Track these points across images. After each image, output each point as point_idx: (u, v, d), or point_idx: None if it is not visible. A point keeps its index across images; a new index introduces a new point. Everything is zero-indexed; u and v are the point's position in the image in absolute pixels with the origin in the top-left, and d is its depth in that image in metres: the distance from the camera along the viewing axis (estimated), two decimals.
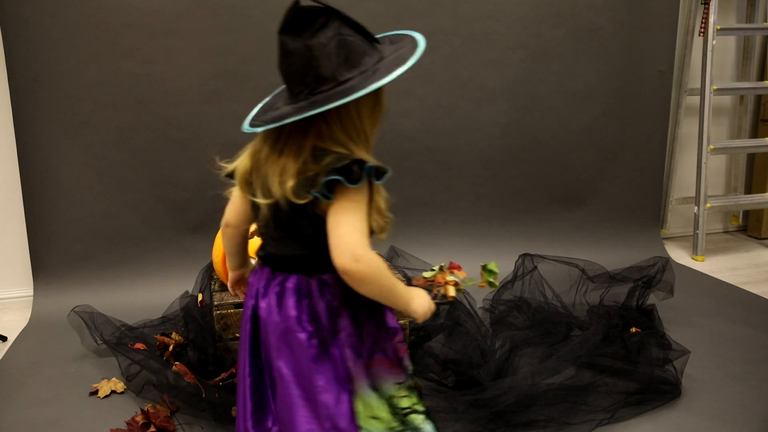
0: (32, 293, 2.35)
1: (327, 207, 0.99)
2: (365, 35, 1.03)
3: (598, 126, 2.80)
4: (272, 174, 1.02)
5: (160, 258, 2.42)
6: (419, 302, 1.08)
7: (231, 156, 1.23)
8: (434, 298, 1.19)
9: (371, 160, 1.04)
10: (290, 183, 0.99)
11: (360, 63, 1.01)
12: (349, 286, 0.99)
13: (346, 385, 1.03)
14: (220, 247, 1.80)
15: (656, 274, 2.03)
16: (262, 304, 1.07)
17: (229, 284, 1.31)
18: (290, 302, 1.04)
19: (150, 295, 2.29)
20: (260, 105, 1.18)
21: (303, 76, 1.02)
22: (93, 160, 2.32)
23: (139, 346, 1.80)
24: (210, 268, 1.99)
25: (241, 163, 1.12)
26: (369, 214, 1.03)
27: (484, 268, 1.34)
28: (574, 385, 1.60)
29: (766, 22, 3.06)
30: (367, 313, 1.06)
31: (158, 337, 1.80)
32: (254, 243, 1.75)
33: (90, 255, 2.36)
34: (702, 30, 2.88)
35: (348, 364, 1.03)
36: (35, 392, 1.72)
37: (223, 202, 2.64)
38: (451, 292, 1.27)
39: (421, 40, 1.04)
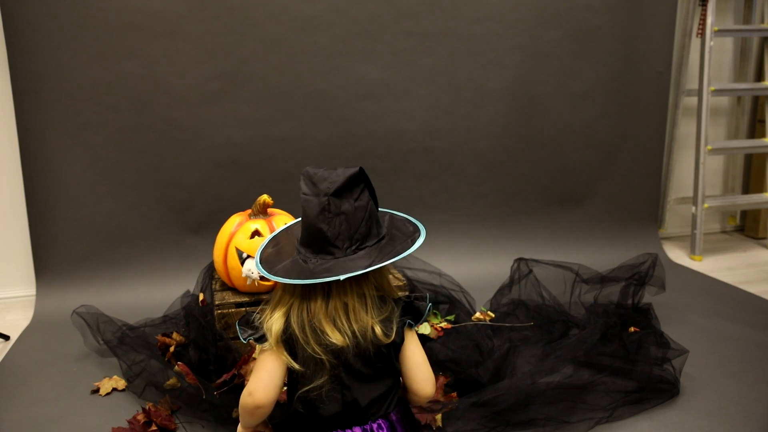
0: (35, 292, 2.36)
1: (405, 340, 1.18)
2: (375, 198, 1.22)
3: (596, 126, 2.82)
4: (341, 324, 1.11)
5: (162, 258, 2.43)
6: None
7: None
8: None
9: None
10: (377, 328, 1.13)
11: (381, 222, 1.22)
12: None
13: None
14: (221, 247, 1.81)
15: (648, 271, 2.04)
16: None
17: None
18: None
19: (151, 295, 2.30)
20: (259, 262, 1.20)
21: (352, 233, 1.14)
22: (95, 160, 2.33)
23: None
24: (211, 268, 2.00)
25: (275, 323, 1.13)
26: None
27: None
28: (572, 384, 1.61)
29: (763, 23, 3.07)
30: None
31: (159, 337, 1.81)
32: (255, 243, 1.76)
33: (92, 255, 2.37)
34: (700, 31, 2.90)
35: None
36: (37, 391, 1.73)
37: (223, 202, 2.67)
38: None
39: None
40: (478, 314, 2.05)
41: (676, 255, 2.98)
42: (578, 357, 1.73)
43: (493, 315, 2.06)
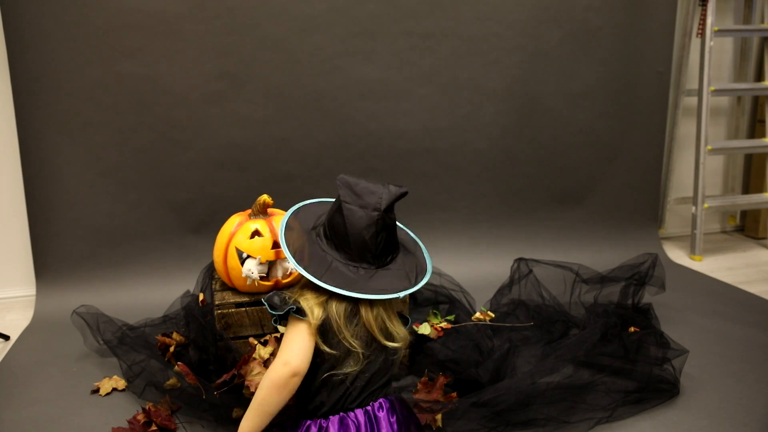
0: (35, 292, 2.36)
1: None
2: None
3: (596, 127, 2.82)
4: (377, 326, 1.23)
5: (162, 258, 2.43)
6: None
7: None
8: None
9: None
10: (406, 334, 1.28)
11: None
12: None
13: None
14: (221, 247, 1.81)
15: (648, 271, 2.04)
16: None
17: None
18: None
19: (151, 295, 2.30)
20: (290, 249, 1.28)
21: (395, 245, 1.30)
22: (95, 160, 2.33)
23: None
24: (211, 268, 2.00)
25: (317, 311, 1.21)
26: None
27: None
28: (573, 384, 1.61)
29: (763, 23, 3.07)
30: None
31: (159, 337, 1.81)
32: (255, 243, 1.76)
33: (92, 255, 2.37)
34: (700, 31, 2.90)
35: None
36: (37, 391, 1.73)
37: (223, 202, 2.67)
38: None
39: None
40: (478, 314, 2.05)
41: (676, 255, 2.98)
42: (578, 357, 1.73)
43: (493, 315, 2.06)
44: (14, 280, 2.46)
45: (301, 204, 1.39)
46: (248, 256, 1.76)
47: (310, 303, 1.21)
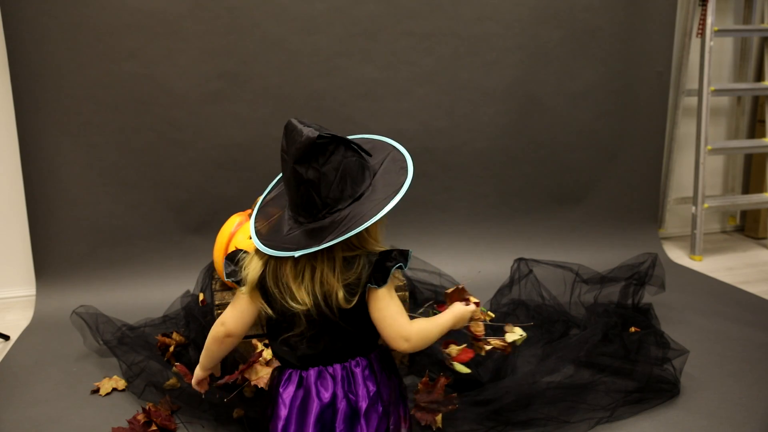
0: (35, 292, 2.36)
1: (369, 301, 1.18)
2: (360, 153, 1.19)
3: (596, 127, 2.82)
4: (306, 285, 1.16)
5: (162, 258, 2.43)
6: (461, 318, 1.31)
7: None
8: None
9: (384, 247, 1.21)
10: (340, 293, 1.15)
11: (362, 180, 1.17)
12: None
13: None
14: (221, 247, 1.81)
15: (647, 270, 2.04)
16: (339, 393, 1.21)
17: (194, 382, 1.39)
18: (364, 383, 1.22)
19: (151, 295, 2.30)
20: (253, 218, 1.26)
21: (323, 199, 1.14)
22: (95, 160, 2.33)
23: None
24: (211, 268, 2.00)
25: (252, 272, 1.20)
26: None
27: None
28: (573, 384, 1.61)
29: (763, 23, 3.08)
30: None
31: (159, 337, 1.81)
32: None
33: (92, 254, 2.37)
34: (700, 31, 2.90)
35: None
36: (37, 391, 1.73)
37: (223, 202, 2.67)
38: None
39: (405, 154, 1.23)
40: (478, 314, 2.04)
41: (676, 255, 2.98)
42: (579, 357, 1.73)
43: (493, 315, 2.05)
44: (14, 280, 2.46)
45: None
46: None
47: (250, 265, 1.20)
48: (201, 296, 1.90)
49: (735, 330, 2.09)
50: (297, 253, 1.11)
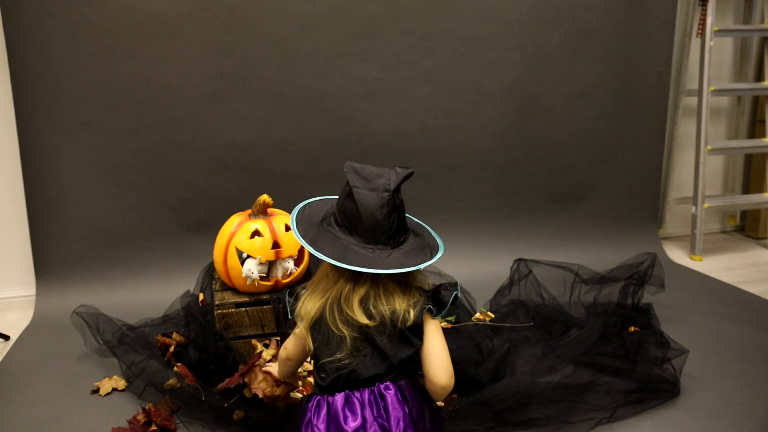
0: (35, 292, 2.36)
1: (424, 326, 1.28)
2: None
3: (596, 127, 2.82)
4: (373, 305, 1.25)
5: (162, 258, 2.43)
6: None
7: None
8: None
9: (428, 278, 1.37)
10: (412, 313, 1.25)
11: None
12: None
13: None
14: (221, 247, 1.81)
15: (647, 270, 2.04)
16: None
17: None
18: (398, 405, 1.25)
19: (151, 295, 2.30)
20: (306, 239, 1.31)
21: (406, 226, 1.33)
22: (95, 160, 2.33)
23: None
24: (211, 268, 2.00)
25: (310, 307, 1.30)
26: None
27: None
28: (573, 384, 1.61)
29: (763, 23, 3.07)
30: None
31: (159, 337, 1.81)
32: (255, 243, 1.76)
33: (92, 254, 2.37)
34: (700, 31, 2.90)
35: None
36: (37, 391, 1.73)
37: (223, 202, 2.67)
38: None
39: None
40: (478, 314, 2.05)
41: (676, 255, 2.98)
42: (578, 356, 1.73)
43: (493, 315, 2.06)
44: (14, 280, 2.46)
45: (305, 202, 1.43)
46: (248, 256, 1.76)
47: (310, 301, 1.30)
48: (201, 296, 1.91)
49: (735, 330, 2.09)
50: (422, 266, 1.25)
